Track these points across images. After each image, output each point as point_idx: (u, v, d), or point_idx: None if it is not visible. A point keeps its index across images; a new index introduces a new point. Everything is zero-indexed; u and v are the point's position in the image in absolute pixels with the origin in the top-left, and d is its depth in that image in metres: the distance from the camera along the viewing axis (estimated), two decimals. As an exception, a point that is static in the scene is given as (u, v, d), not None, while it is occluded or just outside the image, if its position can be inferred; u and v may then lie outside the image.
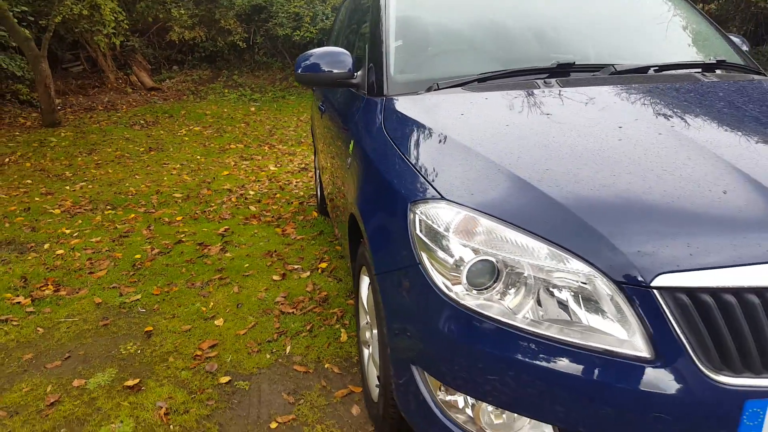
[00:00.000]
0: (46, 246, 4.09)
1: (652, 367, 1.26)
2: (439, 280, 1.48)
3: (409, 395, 1.63)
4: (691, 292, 1.25)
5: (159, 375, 2.49)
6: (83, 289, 3.37)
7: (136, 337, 2.82)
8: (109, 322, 2.98)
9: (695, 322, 1.24)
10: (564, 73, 2.19)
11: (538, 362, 1.35)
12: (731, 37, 2.80)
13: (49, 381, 2.47)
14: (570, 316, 1.35)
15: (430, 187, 1.62)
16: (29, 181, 5.97)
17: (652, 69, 2.24)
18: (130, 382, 2.44)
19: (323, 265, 3.58)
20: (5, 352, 2.72)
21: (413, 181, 1.69)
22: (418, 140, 1.88)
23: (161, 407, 2.26)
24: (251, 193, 5.28)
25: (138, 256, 3.84)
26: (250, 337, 2.77)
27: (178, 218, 4.61)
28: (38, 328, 2.93)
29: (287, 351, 2.64)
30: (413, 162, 1.77)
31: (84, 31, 10.01)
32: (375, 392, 2.07)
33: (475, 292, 1.43)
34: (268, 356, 2.61)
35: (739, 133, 1.69)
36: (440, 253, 1.48)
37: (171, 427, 2.16)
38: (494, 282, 1.42)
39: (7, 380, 2.49)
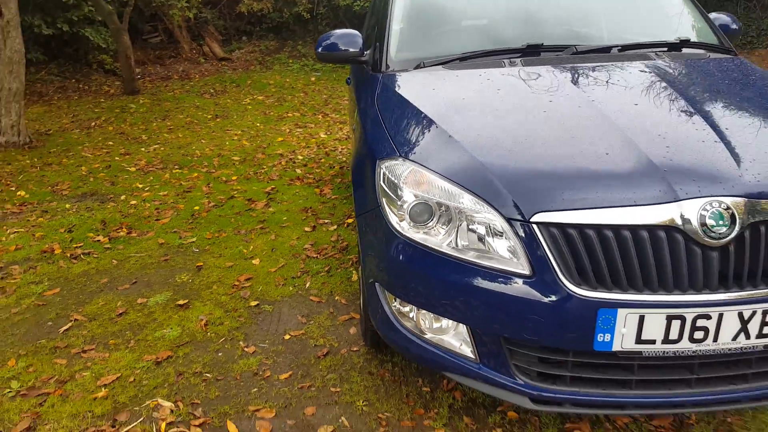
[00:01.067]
0: (122, 197, 4.82)
1: (531, 282, 1.70)
2: (392, 218, 1.96)
3: (376, 308, 2.13)
4: (560, 226, 1.67)
5: (204, 298, 3.10)
6: (150, 232, 4.05)
7: (189, 269, 3.45)
8: (169, 258, 3.62)
9: (562, 250, 1.67)
10: (535, 52, 2.57)
11: (458, 279, 1.81)
12: (721, 14, 3.05)
13: (119, 298, 3.14)
14: (483, 245, 1.80)
15: (394, 148, 2.09)
16: (111, 143, 6.78)
17: (615, 48, 2.57)
18: (180, 302, 3.06)
19: (350, 220, 4.10)
20: (87, 277, 3.41)
21: (384, 143, 2.16)
22: (395, 110, 2.34)
23: (202, 320, 2.87)
24: (300, 157, 5.85)
25: (197, 207, 4.49)
26: (278, 274, 3.34)
27: (234, 178, 5.24)
28: (113, 260, 3.62)
29: (307, 285, 3.19)
30: (387, 128, 2.24)
31: (160, 5, 10.81)
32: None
33: (416, 227, 1.90)
34: (290, 288, 3.17)
35: (648, 107, 2.06)
36: (394, 198, 1.95)
37: (208, 333, 2.76)
38: (430, 220, 1.88)
39: (88, 297, 3.18)
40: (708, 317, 1.63)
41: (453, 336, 1.91)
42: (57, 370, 2.53)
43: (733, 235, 1.61)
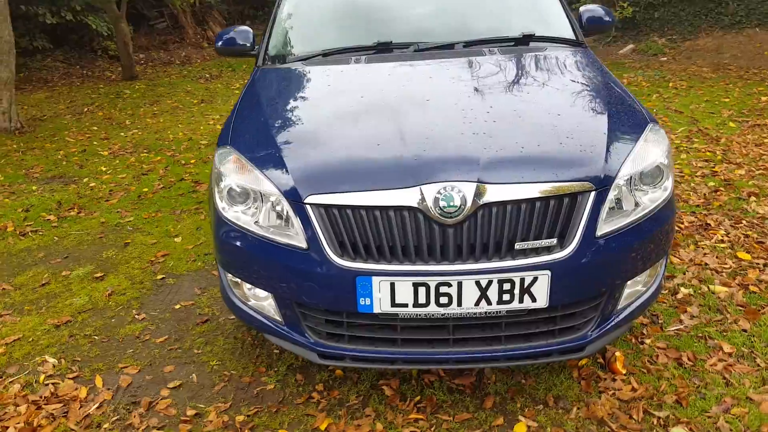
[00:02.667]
0: (85, 180, 5.22)
1: (307, 254, 1.98)
2: (217, 200, 2.25)
3: (221, 280, 2.43)
4: (326, 207, 1.94)
5: (119, 272, 3.46)
6: (96, 212, 4.43)
7: (118, 246, 3.81)
8: (104, 235, 3.99)
9: (328, 227, 1.94)
10: (387, 50, 2.80)
11: (261, 253, 2.09)
12: (594, 7, 3.21)
13: (47, 271, 3.52)
14: (277, 224, 2.08)
15: (229, 136, 2.38)
16: (95, 128, 7.20)
17: (460, 44, 2.79)
18: (98, 274, 3.42)
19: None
20: (27, 252, 3.80)
21: (226, 131, 2.45)
22: (246, 102, 2.62)
23: (108, 290, 3.22)
24: (260, 140, 6.15)
25: (146, 189, 4.85)
26: (194, 251, 3.68)
27: (192, 161, 5.59)
28: (55, 237, 4.01)
29: (214, 261, 3.51)
30: (235, 118, 2.52)
31: (162, -8, 11.17)
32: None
33: (232, 208, 2.18)
34: (199, 264, 3.50)
35: (440, 101, 2.29)
36: (218, 182, 2.24)
37: (109, 302, 3.11)
38: (244, 202, 2.16)
39: (22, 269, 3.56)
40: (449, 285, 1.89)
41: (268, 303, 2.20)
42: (-29, 331, 2.91)
43: (463, 214, 1.86)
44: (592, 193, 1.94)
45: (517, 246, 1.89)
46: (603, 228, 1.96)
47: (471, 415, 2.18)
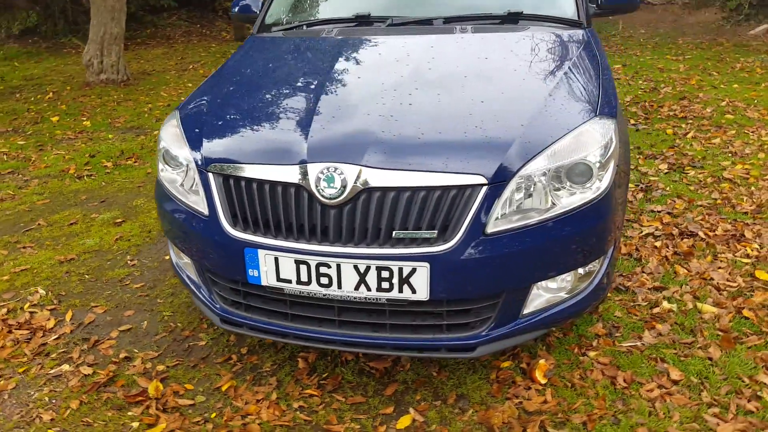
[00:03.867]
0: (155, 132, 5.64)
1: (207, 221, 2.04)
2: (159, 161, 2.36)
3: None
4: (225, 177, 1.98)
5: (137, 220, 3.74)
6: (149, 163, 4.79)
7: (148, 196, 4.11)
8: (143, 185, 4.32)
9: (225, 196, 1.98)
10: (367, 22, 2.73)
11: (179, 217, 2.18)
12: None
13: (81, 212, 3.89)
14: (191, 189, 2.15)
15: (183, 102, 2.47)
16: (190, 85, 7.72)
17: (440, 20, 2.65)
18: (118, 220, 3.74)
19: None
20: (74, 193, 4.23)
21: (189, 96, 2.54)
22: (219, 68, 2.70)
23: (118, 235, 3.51)
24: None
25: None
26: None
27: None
28: (103, 182, 4.41)
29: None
30: (203, 84, 2.60)
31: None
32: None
33: (166, 169, 2.29)
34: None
35: (377, 79, 2.21)
36: (158, 143, 2.35)
37: (114, 246, 3.39)
38: (176, 166, 2.26)
39: (62, 208, 3.98)
40: (328, 266, 1.87)
41: (191, 265, 2.30)
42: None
43: (343, 197, 1.81)
44: (484, 188, 1.81)
45: (395, 234, 1.82)
46: (497, 225, 1.83)
47: (365, 399, 2.16)
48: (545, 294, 2.02)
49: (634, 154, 4.51)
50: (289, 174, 1.89)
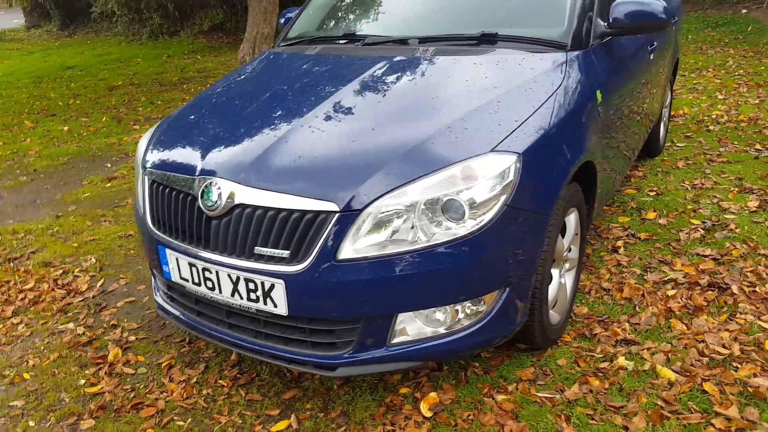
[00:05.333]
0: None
1: (142, 217, 2.35)
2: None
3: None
4: (151, 181, 2.27)
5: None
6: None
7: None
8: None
9: (150, 196, 2.27)
10: (353, 41, 2.83)
11: (137, 215, 2.51)
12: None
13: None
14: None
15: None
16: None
17: (416, 40, 2.65)
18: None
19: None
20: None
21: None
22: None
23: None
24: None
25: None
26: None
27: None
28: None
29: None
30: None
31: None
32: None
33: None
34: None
35: (299, 100, 2.32)
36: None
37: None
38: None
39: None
40: (210, 271, 2.06)
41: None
42: (80, 225, 4.02)
43: (220, 210, 1.99)
44: (336, 215, 1.85)
45: (256, 250, 1.95)
46: (348, 252, 1.86)
47: (261, 398, 2.31)
48: (422, 326, 1.99)
49: (729, 186, 3.95)
50: (186, 184, 2.11)
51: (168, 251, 2.19)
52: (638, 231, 3.46)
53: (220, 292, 2.08)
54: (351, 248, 1.86)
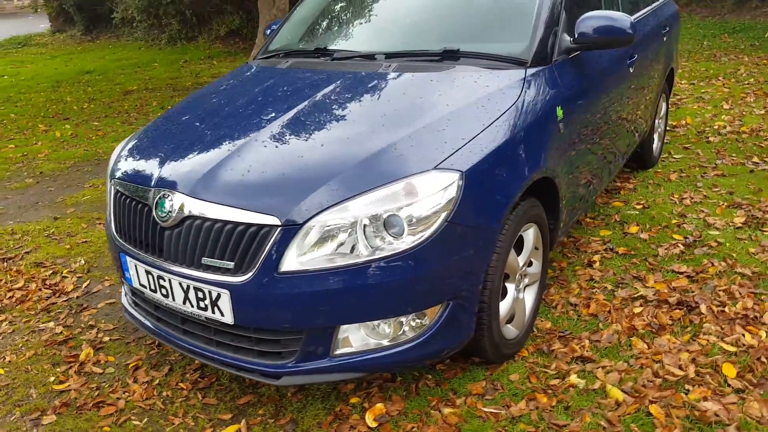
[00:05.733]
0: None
1: (108, 225, 2.44)
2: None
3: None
4: (117, 191, 2.36)
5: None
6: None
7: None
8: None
9: (113, 206, 2.37)
10: (325, 55, 2.89)
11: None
12: (600, 16, 2.61)
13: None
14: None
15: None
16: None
17: (382, 55, 2.70)
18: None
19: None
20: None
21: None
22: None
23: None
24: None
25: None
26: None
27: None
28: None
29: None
30: None
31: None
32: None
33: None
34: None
35: (262, 114, 2.38)
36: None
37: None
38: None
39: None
40: (164, 279, 2.15)
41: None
42: (75, 227, 4.15)
43: (171, 220, 2.07)
44: (278, 229, 1.91)
45: (203, 261, 2.02)
46: (290, 265, 1.92)
47: (217, 402, 2.38)
48: (365, 337, 2.04)
49: (718, 200, 3.91)
50: (144, 194, 2.20)
51: (128, 258, 2.28)
52: (617, 245, 3.45)
53: (173, 299, 2.15)
54: (294, 261, 1.92)
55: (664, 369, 2.40)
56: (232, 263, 1.97)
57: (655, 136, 4.51)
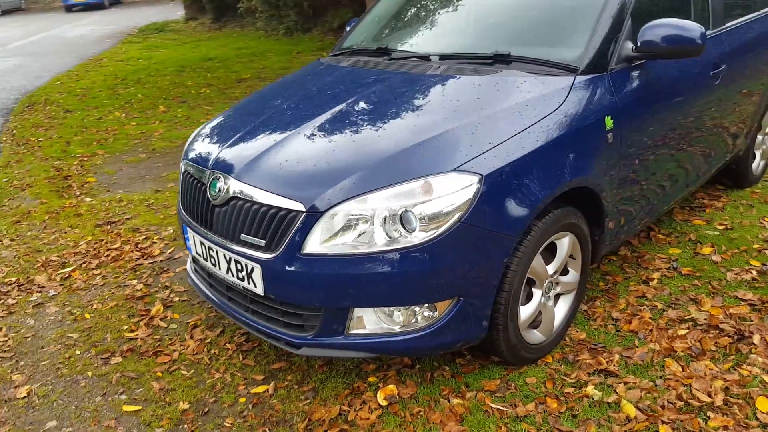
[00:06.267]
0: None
1: (179, 202, 2.77)
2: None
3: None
4: (185, 170, 2.67)
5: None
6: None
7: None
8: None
9: (180, 184, 2.68)
10: (386, 54, 3.04)
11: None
12: (666, 24, 2.55)
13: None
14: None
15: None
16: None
17: (436, 56, 2.81)
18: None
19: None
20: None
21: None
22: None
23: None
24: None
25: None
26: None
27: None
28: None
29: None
30: None
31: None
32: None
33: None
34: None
35: (315, 110, 2.58)
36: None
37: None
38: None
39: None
40: (213, 250, 2.43)
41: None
42: (172, 200, 4.61)
43: (220, 199, 2.33)
44: (303, 214, 2.11)
45: (241, 237, 2.27)
46: (313, 248, 2.12)
47: (254, 364, 2.64)
48: (378, 321, 2.19)
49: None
50: (202, 175, 2.49)
51: (189, 230, 2.58)
52: (683, 265, 3.32)
53: (219, 268, 2.43)
54: (317, 244, 2.11)
55: (690, 393, 2.34)
56: (264, 241, 2.20)
57: (757, 153, 4.21)
